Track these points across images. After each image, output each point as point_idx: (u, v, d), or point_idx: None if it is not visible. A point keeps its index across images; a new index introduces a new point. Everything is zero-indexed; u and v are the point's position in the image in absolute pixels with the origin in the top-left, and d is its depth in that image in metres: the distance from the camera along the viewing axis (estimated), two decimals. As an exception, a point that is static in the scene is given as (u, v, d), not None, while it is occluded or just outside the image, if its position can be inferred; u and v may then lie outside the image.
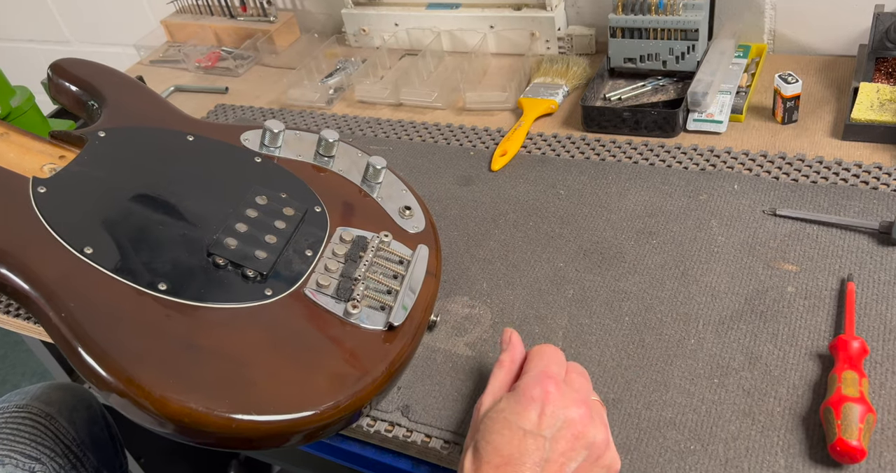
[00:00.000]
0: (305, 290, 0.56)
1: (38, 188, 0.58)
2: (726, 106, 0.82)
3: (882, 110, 0.75)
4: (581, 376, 0.52)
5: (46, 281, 0.51)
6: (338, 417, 0.50)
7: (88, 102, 0.72)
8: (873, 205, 0.67)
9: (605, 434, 0.49)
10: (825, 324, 0.59)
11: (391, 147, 0.90)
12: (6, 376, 1.84)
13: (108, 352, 0.47)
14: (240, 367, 0.49)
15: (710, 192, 0.73)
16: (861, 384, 0.51)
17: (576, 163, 0.81)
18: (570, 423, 0.47)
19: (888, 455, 0.50)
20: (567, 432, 0.47)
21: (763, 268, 0.64)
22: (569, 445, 0.47)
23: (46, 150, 0.66)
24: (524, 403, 0.48)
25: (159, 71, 1.21)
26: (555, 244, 0.71)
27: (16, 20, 1.66)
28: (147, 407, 0.46)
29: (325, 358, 0.52)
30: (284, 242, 0.59)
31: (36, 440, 0.75)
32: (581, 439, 0.47)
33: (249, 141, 0.69)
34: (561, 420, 0.47)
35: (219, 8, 1.22)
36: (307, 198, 0.65)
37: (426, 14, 1.06)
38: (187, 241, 0.57)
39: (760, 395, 0.55)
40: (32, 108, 0.88)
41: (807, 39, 0.90)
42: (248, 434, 0.47)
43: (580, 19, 1.00)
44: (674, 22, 0.84)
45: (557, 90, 0.92)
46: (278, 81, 1.09)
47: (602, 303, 0.64)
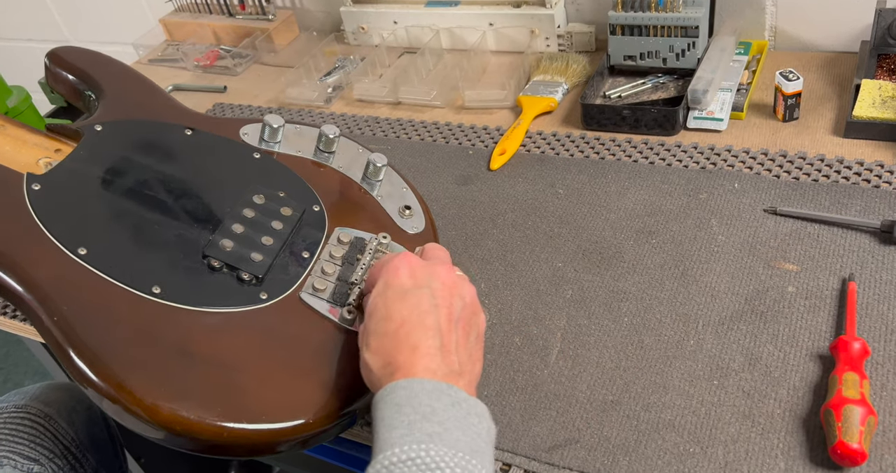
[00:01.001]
0: (301, 294, 0.56)
1: (33, 185, 0.57)
2: (727, 103, 0.81)
3: (884, 107, 0.74)
4: (437, 248, 0.56)
5: (39, 282, 0.51)
6: (331, 425, 0.49)
7: (85, 92, 0.71)
8: (875, 204, 0.67)
9: (471, 292, 0.52)
10: (826, 325, 0.58)
11: (389, 146, 0.89)
12: (9, 374, 1.84)
13: (100, 357, 0.47)
14: (232, 374, 0.49)
15: (710, 191, 0.72)
16: (862, 385, 0.51)
17: (575, 162, 0.80)
18: (438, 275, 0.51)
19: (889, 458, 0.49)
20: (439, 282, 0.50)
21: (763, 268, 0.63)
22: (446, 292, 0.50)
23: (43, 144, 0.66)
24: (391, 273, 0.51)
25: (158, 70, 1.21)
26: (553, 244, 0.70)
27: (15, 19, 1.66)
28: (138, 414, 0.45)
29: (319, 365, 0.51)
30: (281, 244, 0.59)
31: (35, 441, 0.75)
32: (453, 288, 0.50)
33: (249, 135, 0.69)
34: (431, 275, 0.51)
35: (217, 6, 1.21)
36: (306, 196, 0.64)
37: (425, 12, 1.05)
38: (183, 242, 0.57)
39: (760, 397, 0.54)
40: (29, 108, 0.88)
41: (808, 36, 0.90)
42: (239, 442, 0.46)
43: (580, 16, 0.99)
44: (674, 19, 0.83)
45: (557, 88, 0.91)
46: (277, 80, 1.09)
47: (601, 304, 0.64)
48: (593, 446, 0.54)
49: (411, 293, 0.49)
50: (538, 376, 0.59)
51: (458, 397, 0.44)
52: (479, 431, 0.44)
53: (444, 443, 0.41)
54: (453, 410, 0.43)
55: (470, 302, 0.51)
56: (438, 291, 0.49)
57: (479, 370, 0.50)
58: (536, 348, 0.61)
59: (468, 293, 0.52)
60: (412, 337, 0.47)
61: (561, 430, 0.55)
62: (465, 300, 0.51)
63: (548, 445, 0.55)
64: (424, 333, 0.47)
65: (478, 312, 0.52)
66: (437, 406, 0.43)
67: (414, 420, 0.42)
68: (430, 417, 0.42)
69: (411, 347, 0.46)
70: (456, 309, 0.49)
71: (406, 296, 0.49)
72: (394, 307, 0.48)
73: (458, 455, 0.41)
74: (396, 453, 0.41)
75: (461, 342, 0.49)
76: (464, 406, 0.44)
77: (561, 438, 0.55)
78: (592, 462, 0.53)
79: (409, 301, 0.48)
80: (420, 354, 0.46)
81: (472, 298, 0.52)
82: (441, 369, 0.46)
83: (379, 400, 0.45)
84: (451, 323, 0.48)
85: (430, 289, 0.49)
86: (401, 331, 0.47)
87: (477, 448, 0.42)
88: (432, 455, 0.41)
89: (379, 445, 0.42)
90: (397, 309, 0.48)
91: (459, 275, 0.53)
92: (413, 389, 0.44)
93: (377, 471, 0.41)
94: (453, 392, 0.44)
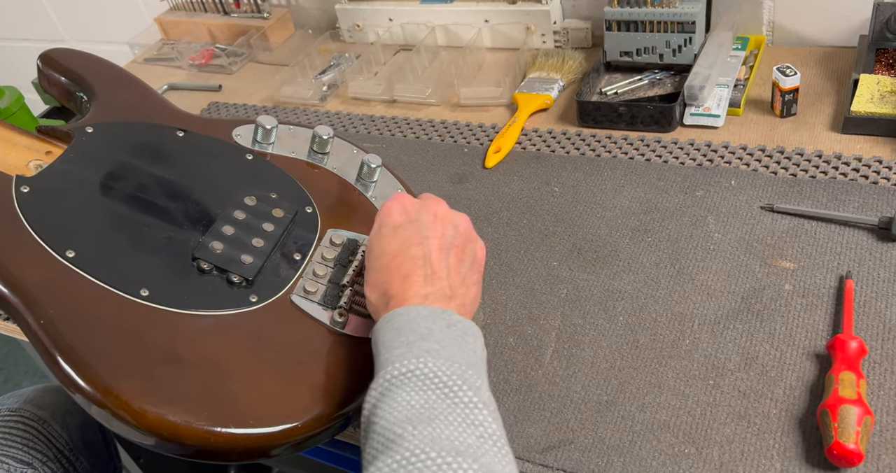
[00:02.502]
0: (292, 297, 0.55)
1: (22, 188, 0.57)
2: (724, 99, 0.80)
3: (882, 102, 0.73)
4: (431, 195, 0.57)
5: (27, 286, 0.51)
6: (321, 429, 0.49)
7: (77, 94, 0.71)
8: (873, 200, 0.66)
9: (466, 222, 0.54)
10: (823, 323, 0.57)
11: (385, 144, 0.88)
12: (9, 375, 1.84)
13: (86, 362, 0.46)
14: (221, 378, 0.48)
15: (706, 188, 0.72)
16: (859, 385, 0.50)
17: (571, 160, 0.80)
18: (429, 208, 0.53)
19: (886, 458, 0.48)
20: (430, 215, 0.53)
21: (760, 266, 0.63)
22: (437, 223, 0.52)
23: (33, 146, 0.65)
24: (384, 213, 0.54)
25: (153, 69, 1.20)
26: (549, 242, 0.70)
27: (11, 19, 1.65)
28: (126, 419, 0.45)
29: (309, 369, 0.51)
30: (272, 246, 0.58)
31: (28, 444, 0.75)
32: (445, 219, 0.53)
33: (241, 137, 0.68)
34: (422, 208, 0.53)
35: (212, 5, 1.21)
36: (298, 197, 0.64)
37: (420, 9, 1.04)
38: (172, 245, 0.56)
39: (756, 397, 0.54)
40: (22, 109, 0.88)
41: (806, 30, 0.89)
42: (228, 447, 0.46)
43: (576, 12, 0.99)
44: (670, 14, 0.83)
45: (553, 85, 0.90)
46: (272, 78, 1.08)
47: (596, 303, 0.63)
48: (588, 447, 0.53)
49: (402, 227, 0.52)
50: (532, 376, 0.59)
51: (452, 319, 0.47)
52: (474, 348, 0.46)
53: (441, 357, 0.44)
54: (449, 331, 0.46)
55: (464, 230, 0.53)
56: (428, 223, 0.52)
57: (475, 294, 0.52)
58: (531, 348, 0.61)
59: (462, 222, 0.54)
60: (403, 268, 0.49)
61: (555, 431, 0.55)
62: (458, 229, 0.53)
63: (542, 446, 0.54)
64: (414, 262, 0.49)
65: (472, 240, 0.54)
66: (433, 328, 0.46)
67: (412, 340, 0.45)
68: (428, 337, 0.45)
69: (402, 276, 0.49)
70: (447, 238, 0.52)
71: (397, 231, 0.52)
72: (386, 243, 0.51)
73: (455, 366, 0.43)
74: (397, 367, 0.43)
75: (454, 268, 0.51)
76: (459, 327, 0.47)
77: (555, 439, 0.54)
78: (587, 464, 0.52)
79: (401, 235, 0.51)
80: (411, 282, 0.48)
81: (465, 227, 0.54)
82: (433, 294, 0.48)
83: (379, 328, 0.47)
84: (441, 252, 0.50)
85: (419, 223, 0.52)
86: (392, 263, 0.50)
87: (472, 362, 0.45)
88: (430, 366, 0.43)
89: (380, 364, 0.45)
90: (389, 245, 0.51)
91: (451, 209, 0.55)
92: (410, 315, 0.46)
93: (379, 385, 0.43)
94: (448, 315, 0.47)
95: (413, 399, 0.41)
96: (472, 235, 0.54)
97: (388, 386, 0.43)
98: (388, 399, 0.42)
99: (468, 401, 0.42)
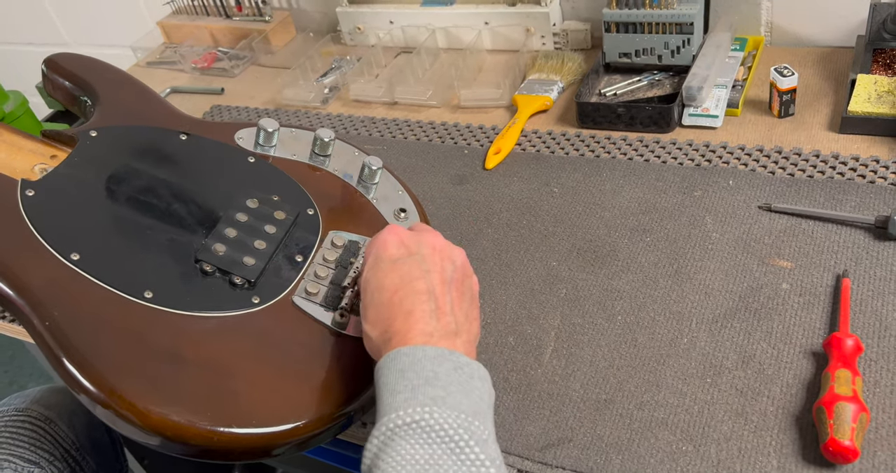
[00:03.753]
0: (294, 298, 0.56)
1: (27, 191, 0.58)
2: (722, 100, 0.81)
3: (880, 102, 0.74)
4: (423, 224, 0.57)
5: (31, 288, 0.51)
6: (323, 428, 0.49)
7: (81, 98, 0.71)
8: (870, 200, 0.67)
9: (462, 256, 0.53)
10: (820, 321, 0.58)
11: (385, 146, 0.89)
12: (14, 377, 1.85)
13: (91, 363, 0.47)
14: (224, 379, 0.49)
15: (704, 188, 0.72)
16: (854, 382, 0.51)
17: (570, 161, 0.80)
18: (426, 241, 0.52)
19: (882, 455, 0.49)
20: (428, 248, 0.51)
21: (757, 265, 0.63)
22: (436, 256, 0.51)
23: (38, 150, 0.66)
24: (380, 246, 0.52)
25: (156, 72, 1.21)
26: (548, 243, 0.70)
27: (14, 24, 1.66)
28: (129, 419, 0.46)
29: (311, 369, 0.51)
30: (274, 248, 0.59)
31: (35, 444, 0.76)
32: (443, 252, 0.51)
33: (244, 140, 0.69)
34: (420, 241, 0.52)
35: (214, 8, 1.22)
36: (300, 200, 0.64)
37: (421, 11, 1.05)
38: (175, 247, 0.57)
39: (753, 395, 0.54)
40: (26, 113, 0.89)
41: (804, 31, 0.89)
42: (231, 447, 0.47)
43: (575, 14, 0.99)
44: (668, 16, 0.83)
45: (552, 86, 0.91)
46: (274, 81, 1.09)
47: (595, 303, 0.64)
48: (586, 445, 0.54)
49: (401, 261, 0.50)
50: (532, 375, 0.59)
51: (459, 361, 0.45)
52: (481, 394, 0.44)
53: (447, 406, 0.42)
54: (455, 374, 0.44)
55: (461, 264, 0.52)
56: (428, 256, 0.50)
57: (477, 329, 0.51)
58: (530, 347, 0.61)
59: (458, 256, 0.53)
60: (406, 303, 0.47)
61: (554, 429, 0.55)
62: (455, 263, 0.52)
63: (541, 444, 0.55)
64: (417, 298, 0.47)
65: (470, 275, 0.53)
66: (439, 371, 0.44)
67: (417, 384, 0.43)
68: (433, 381, 0.43)
69: (406, 313, 0.47)
70: (448, 272, 0.50)
71: (396, 265, 0.50)
72: (386, 277, 0.49)
73: (461, 417, 0.42)
74: (401, 416, 0.41)
75: (456, 303, 0.49)
76: (465, 370, 0.45)
77: (554, 437, 0.55)
78: (585, 461, 0.53)
79: (401, 269, 0.49)
80: (415, 318, 0.46)
81: (462, 261, 0.53)
82: (437, 331, 0.46)
83: (382, 367, 0.45)
84: (444, 286, 0.49)
85: (419, 256, 0.50)
86: (394, 299, 0.48)
87: (479, 410, 0.43)
88: (436, 417, 0.41)
89: (383, 409, 0.43)
90: (389, 279, 0.49)
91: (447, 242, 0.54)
92: (415, 355, 0.44)
93: (382, 433, 0.41)
94: (455, 357, 0.45)
95: (417, 454, 0.40)
96: (469, 270, 0.53)
97: (390, 435, 0.41)
98: (391, 450, 0.40)
99: (475, 459, 0.40)
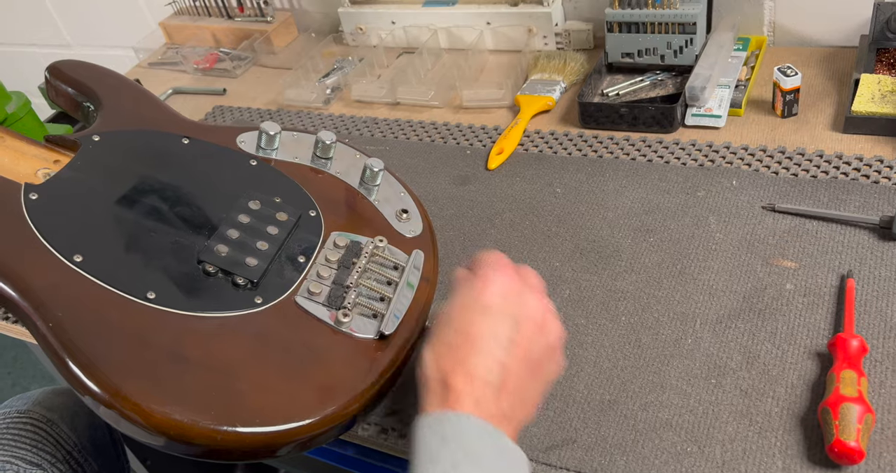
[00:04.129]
0: (297, 298, 0.56)
1: (30, 195, 0.58)
2: (725, 100, 0.81)
3: (883, 102, 0.74)
4: (534, 274, 0.51)
5: (35, 289, 0.51)
6: (326, 428, 0.49)
7: (84, 104, 0.72)
8: (874, 200, 0.66)
9: (559, 331, 0.49)
10: (824, 322, 0.58)
11: (388, 147, 0.89)
12: (17, 379, 1.85)
13: (95, 363, 0.47)
14: (226, 378, 0.49)
15: (708, 188, 0.72)
16: (860, 383, 0.51)
17: (573, 161, 0.80)
18: (529, 307, 0.47)
19: (888, 456, 0.49)
20: (527, 316, 0.47)
21: (762, 266, 0.63)
22: (531, 329, 0.46)
23: (41, 155, 0.66)
24: (481, 284, 0.47)
25: (158, 73, 1.21)
26: (551, 243, 0.70)
27: (17, 25, 1.67)
28: (133, 419, 0.46)
29: (314, 369, 0.51)
30: (276, 249, 0.59)
31: (37, 446, 0.75)
32: (542, 328, 0.47)
33: (245, 143, 0.69)
34: (522, 303, 0.47)
35: (216, 9, 1.22)
36: (302, 202, 0.64)
37: (423, 11, 1.05)
38: (178, 248, 0.57)
39: (758, 395, 0.54)
40: (29, 114, 0.89)
41: (807, 31, 0.89)
42: (234, 446, 0.47)
43: (577, 14, 0.99)
44: (671, 15, 0.83)
45: (554, 86, 0.91)
46: (275, 82, 1.09)
47: (598, 303, 0.63)
48: (590, 446, 0.54)
49: (494, 316, 0.46)
50: (536, 376, 0.59)
51: (504, 446, 0.43)
52: None
53: None
54: (498, 459, 0.42)
55: (551, 344, 0.48)
56: (523, 325, 0.46)
57: (531, 415, 0.48)
58: (534, 348, 0.61)
59: (554, 331, 0.48)
60: (474, 364, 0.44)
61: (558, 430, 0.55)
62: (547, 340, 0.48)
63: (545, 445, 0.54)
64: (488, 365, 0.44)
65: (554, 358, 0.49)
66: (483, 451, 0.42)
67: (458, 459, 0.41)
68: (476, 460, 0.41)
69: (469, 374, 0.44)
70: (533, 351, 0.46)
71: (487, 317, 0.46)
72: (472, 324, 0.46)
73: None
74: None
75: (525, 384, 0.46)
76: (508, 456, 0.43)
77: (558, 438, 0.55)
78: (589, 462, 0.53)
79: (488, 324, 0.46)
80: (476, 385, 0.44)
81: (555, 338, 0.48)
82: (490, 409, 0.44)
83: (424, 426, 0.43)
84: (521, 363, 0.45)
85: (514, 321, 0.46)
86: (465, 349, 0.45)
87: None
88: None
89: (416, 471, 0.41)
90: (474, 328, 0.46)
91: (552, 312, 0.49)
92: (461, 426, 0.42)
93: None
94: (501, 440, 0.43)
95: None
96: (557, 352, 0.49)
97: None
98: None
99: None
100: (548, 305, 0.49)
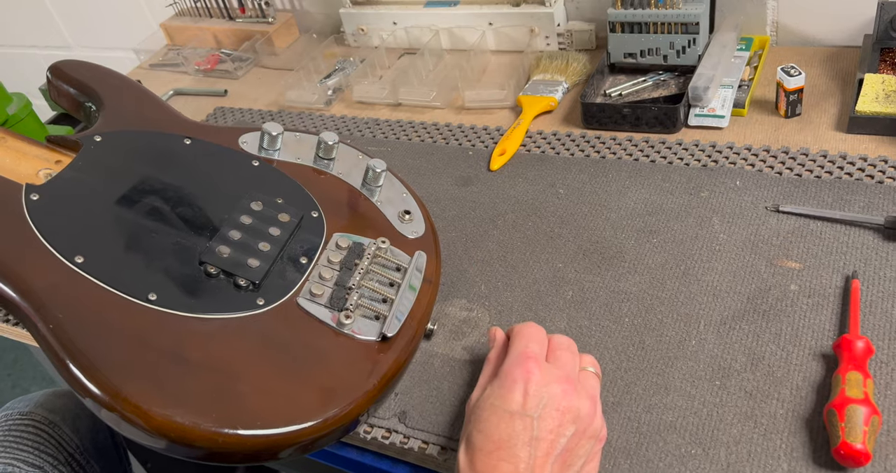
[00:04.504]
0: (298, 299, 0.56)
1: (31, 195, 0.58)
2: (728, 100, 0.80)
3: (887, 102, 0.73)
4: (566, 351, 0.53)
5: (36, 290, 0.51)
6: (328, 430, 0.49)
7: (86, 104, 0.72)
8: (879, 200, 0.66)
9: (590, 405, 0.49)
10: (829, 323, 0.57)
11: (389, 147, 0.89)
12: (17, 380, 1.85)
13: (95, 365, 0.47)
14: (228, 380, 0.49)
15: (711, 189, 0.72)
16: (866, 385, 0.50)
17: (575, 162, 0.80)
18: (554, 399, 0.48)
19: (894, 458, 0.48)
20: (552, 409, 0.48)
21: (766, 266, 0.63)
22: (556, 422, 0.48)
23: (43, 155, 0.66)
24: (507, 386, 0.49)
25: (159, 74, 1.21)
26: (554, 244, 0.70)
27: (18, 27, 1.67)
28: (134, 421, 0.45)
29: (315, 371, 0.51)
30: (279, 250, 0.58)
31: (39, 448, 0.75)
32: (567, 413, 0.48)
33: (248, 144, 0.69)
34: (546, 398, 0.48)
35: (217, 10, 1.21)
36: (304, 202, 0.64)
37: (424, 12, 1.05)
38: (180, 249, 0.57)
39: (763, 397, 0.54)
40: (30, 115, 0.88)
41: (810, 30, 0.89)
42: (235, 449, 0.46)
43: (580, 14, 0.99)
44: (674, 15, 0.83)
45: (557, 87, 0.90)
46: (277, 83, 1.09)
47: (601, 305, 0.63)
48: (594, 448, 0.53)
49: (516, 418, 0.47)
50: (539, 378, 0.59)
51: None
52: None
53: None
54: None
55: (584, 425, 0.49)
56: (546, 420, 0.47)
57: None
58: (537, 350, 0.61)
59: (585, 406, 0.49)
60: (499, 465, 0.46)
61: (562, 433, 0.55)
62: (576, 425, 0.48)
63: (549, 448, 0.54)
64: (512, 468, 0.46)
65: (591, 435, 0.49)
66: None
67: None
68: None
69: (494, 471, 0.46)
70: (560, 442, 0.47)
71: (509, 419, 0.47)
72: (497, 427, 0.47)
73: None
74: None
75: None
76: None
77: (562, 441, 0.54)
78: (593, 465, 0.52)
79: (511, 426, 0.47)
80: None
81: (587, 412, 0.49)
82: None
83: None
84: (546, 458, 0.46)
85: (537, 419, 0.47)
86: (493, 455, 0.46)
87: None
88: None
89: None
90: (499, 430, 0.47)
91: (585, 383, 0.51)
92: None
93: None
94: None
95: None
96: (593, 427, 0.49)
97: None
98: None
99: None
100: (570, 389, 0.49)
